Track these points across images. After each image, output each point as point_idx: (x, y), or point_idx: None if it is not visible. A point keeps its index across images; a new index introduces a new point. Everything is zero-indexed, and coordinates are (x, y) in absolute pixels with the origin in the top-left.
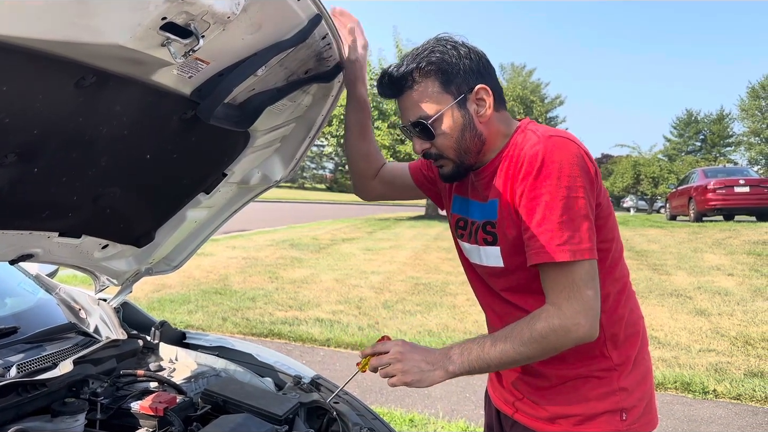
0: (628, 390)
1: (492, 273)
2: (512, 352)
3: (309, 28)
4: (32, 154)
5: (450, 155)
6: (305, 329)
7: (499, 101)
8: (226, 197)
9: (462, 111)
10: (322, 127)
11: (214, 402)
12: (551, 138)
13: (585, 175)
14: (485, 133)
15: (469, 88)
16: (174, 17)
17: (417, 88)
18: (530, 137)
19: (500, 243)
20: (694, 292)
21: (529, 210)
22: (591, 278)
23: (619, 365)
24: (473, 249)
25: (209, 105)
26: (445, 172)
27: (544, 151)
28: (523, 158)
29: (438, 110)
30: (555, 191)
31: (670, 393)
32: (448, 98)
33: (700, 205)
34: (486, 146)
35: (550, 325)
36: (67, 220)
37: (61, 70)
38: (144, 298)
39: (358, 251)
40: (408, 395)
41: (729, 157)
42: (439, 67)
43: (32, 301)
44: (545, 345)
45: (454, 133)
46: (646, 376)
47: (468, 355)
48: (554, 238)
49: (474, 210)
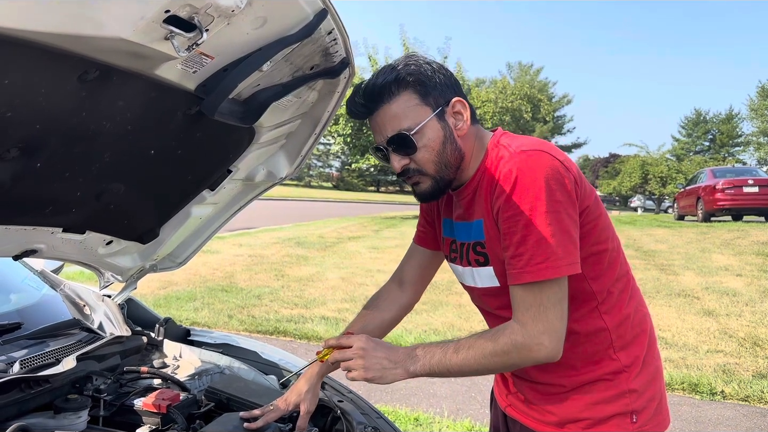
0: (638, 391)
1: (487, 294)
2: (473, 362)
3: (315, 23)
4: (35, 149)
5: (429, 170)
6: (311, 327)
7: (473, 115)
8: (231, 194)
9: (441, 123)
10: (328, 124)
11: (217, 399)
12: (522, 153)
13: (560, 188)
14: (464, 146)
15: (446, 100)
16: (177, 10)
17: (396, 101)
18: (503, 153)
19: (492, 263)
20: (702, 293)
21: (508, 229)
22: (558, 300)
23: (627, 366)
24: (466, 271)
25: (214, 100)
26: (422, 189)
27: (517, 170)
28: (498, 176)
29: (419, 122)
30: (531, 209)
31: (677, 394)
32: (428, 110)
33: (708, 205)
34: (464, 161)
35: (513, 342)
36: (71, 216)
37: (64, 63)
38: (150, 295)
39: (364, 249)
40: (413, 394)
41: (738, 157)
42: (416, 78)
43: (36, 297)
44: (506, 360)
45: (435, 146)
46: (656, 376)
47: (430, 359)
48: (534, 257)
49: (461, 231)
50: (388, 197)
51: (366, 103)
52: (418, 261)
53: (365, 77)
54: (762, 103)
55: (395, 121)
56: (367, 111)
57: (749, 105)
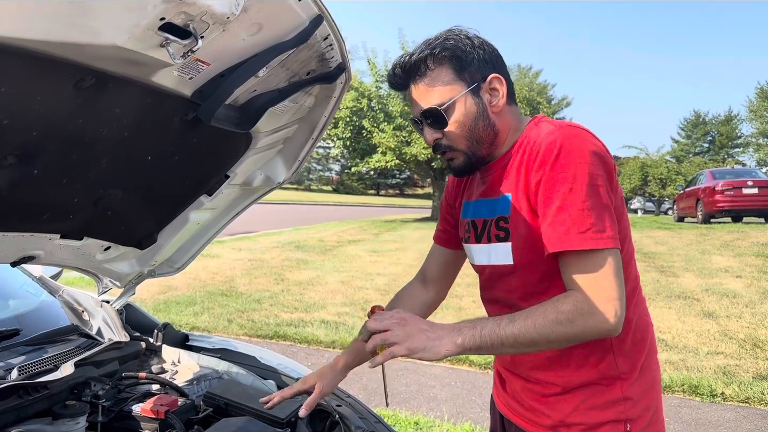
0: (633, 399)
1: (498, 273)
2: (532, 330)
3: (310, 29)
4: (32, 156)
5: (461, 146)
6: (311, 331)
7: (511, 95)
8: (229, 199)
9: (475, 99)
10: (325, 129)
11: (215, 405)
12: (569, 127)
13: (604, 165)
14: (498, 124)
15: (482, 76)
16: (172, 18)
17: (430, 75)
18: (545, 127)
19: (512, 238)
20: (701, 295)
21: (548, 197)
22: (618, 269)
23: (624, 373)
24: (482, 249)
25: (210, 106)
26: (456, 165)
27: (562, 139)
28: (539, 147)
29: (451, 97)
30: (575, 178)
31: (677, 396)
32: (462, 86)
33: (707, 207)
34: (498, 138)
35: (578, 309)
36: (69, 222)
37: (60, 71)
38: (150, 299)
39: (364, 253)
40: (413, 398)
41: (737, 158)
42: (453, 53)
43: (35, 303)
44: (569, 330)
45: (467, 122)
46: (653, 385)
47: (481, 329)
48: (576, 225)
49: (484, 208)
50: (388, 200)
51: (402, 76)
52: (439, 260)
53: (364, 81)
54: (761, 104)
55: (428, 95)
56: (404, 85)
57: (748, 106)
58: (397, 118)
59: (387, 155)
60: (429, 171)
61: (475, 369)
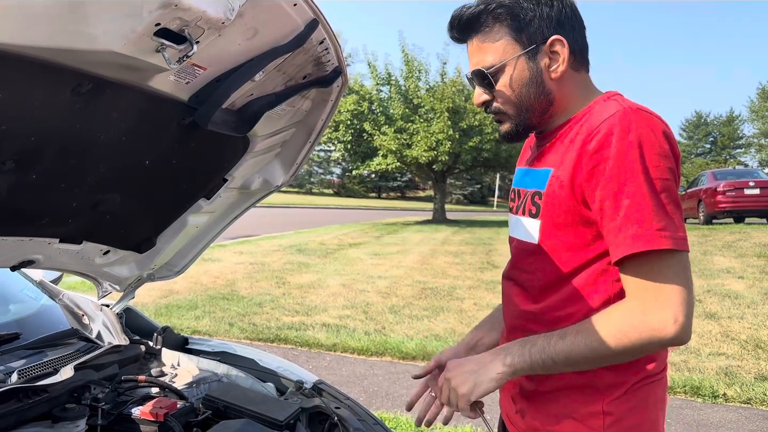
0: (613, 415)
1: (522, 249)
2: (583, 346)
3: (306, 33)
4: (30, 161)
5: (510, 111)
6: (312, 334)
7: (581, 60)
8: (227, 202)
9: (530, 63)
10: (322, 132)
11: (215, 407)
12: (636, 111)
13: (672, 157)
14: (555, 91)
15: (543, 38)
16: (168, 23)
17: (484, 32)
18: (611, 107)
19: (542, 216)
20: (703, 296)
21: (612, 194)
22: (687, 272)
23: (608, 386)
24: (517, 221)
25: (207, 110)
26: (503, 129)
27: (627, 125)
28: (599, 129)
29: (502, 59)
30: (640, 173)
31: (679, 397)
32: (516, 47)
33: (709, 208)
34: (554, 108)
35: (631, 321)
36: (67, 227)
37: (57, 77)
38: (151, 303)
39: (365, 256)
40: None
41: (739, 159)
42: (510, 11)
43: (35, 307)
44: (622, 343)
45: (516, 87)
46: (644, 405)
47: (531, 347)
48: (649, 224)
49: (529, 178)
50: (390, 203)
51: (459, 31)
52: None
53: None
54: (762, 104)
55: (480, 54)
56: (460, 40)
57: (750, 107)
58: (398, 121)
59: (388, 158)
60: (430, 173)
61: None
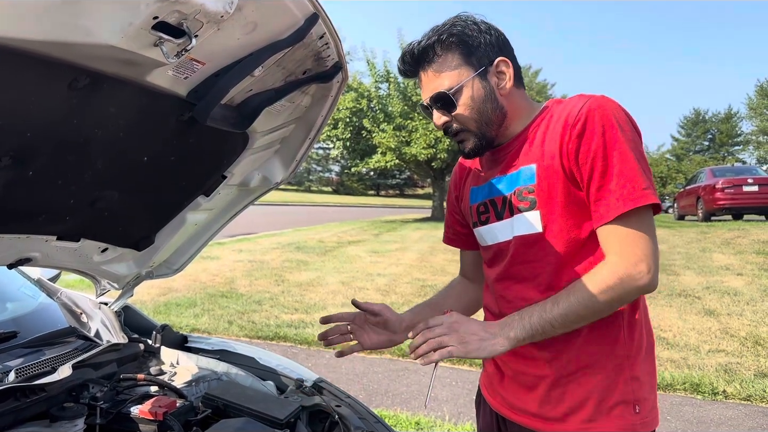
0: (640, 380)
1: (523, 243)
2: (578, 307)
3: (306, 28)
4: (26, 158)
5: (471, 127)
6: (311, 332)
7: (519, 78)
8: (227, 200)
9: (483, 83)
10: (322, 128)
11: (214, 406)
12: (606, 98)
13: (635, 128)
14: (506, 105)
15: (489, 60)
16: (166, 16)
17: (438, 61)
18: (573, 101)
19: (540, 207)
20: (702, 293)
21: (589, 166)
22: (650, 225)
23: (634, 352)
24: (504, 224)
25: (206, 106)
26: (467, 147)
27: (603, 108)
28: (579, 115)
29: (459, 82)
30: (623, 142)
31: (679, 394)
32: (469, 70)
33: (708, 205)
34: (508, 120)
35: (615, 274)
36: (65, 224)
37: (54, 71)
38: (150, 301)
39: (364, 254)
40: (414, 398)
41: (737, 156)
42: (460, 39)
43: (33, 306)
44: (611, 296)
45: (475, 105)
46: (655, 367)
47: (529, 319)
48: (639, 184)
49: (501, 185)
50: (388, 201)
51: (412, 64)
52: (468, 260)
53: (364, 81)
54: (761, 101)
55: (437, 80)
56: (414, 72)
57: (748, 104)
58: (396, 118)
59: (387, 155)
60: (429, 171)
61: (476, 368)
